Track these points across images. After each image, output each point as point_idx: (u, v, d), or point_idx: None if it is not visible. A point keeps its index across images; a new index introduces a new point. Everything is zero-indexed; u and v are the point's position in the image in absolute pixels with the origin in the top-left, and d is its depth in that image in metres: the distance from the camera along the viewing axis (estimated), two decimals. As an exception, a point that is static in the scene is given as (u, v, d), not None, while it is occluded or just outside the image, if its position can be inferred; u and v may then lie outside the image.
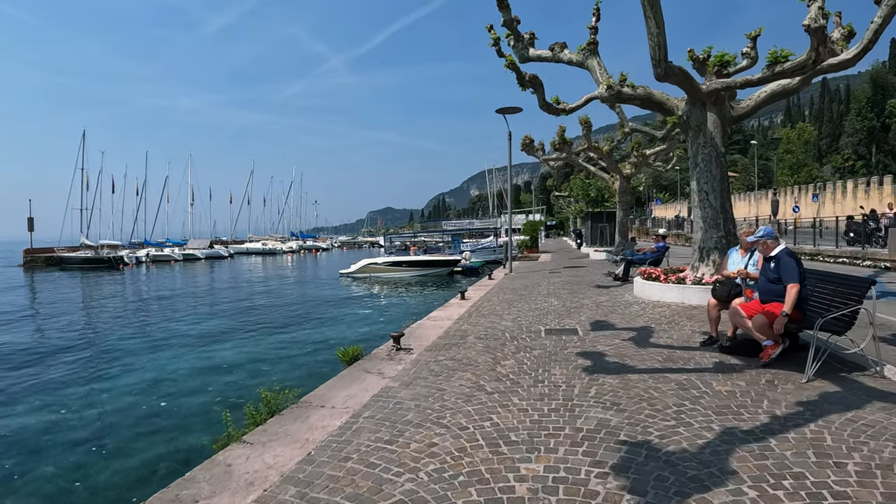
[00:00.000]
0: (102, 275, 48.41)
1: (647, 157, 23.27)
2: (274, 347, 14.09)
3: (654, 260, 13.20)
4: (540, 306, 9.97)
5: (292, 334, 15.75)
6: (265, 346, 14.21)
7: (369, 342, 12.45)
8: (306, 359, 12.62)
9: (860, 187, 50.88)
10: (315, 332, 15.89)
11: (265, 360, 12.60)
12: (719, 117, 10.84)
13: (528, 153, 23.84)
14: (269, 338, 15.50)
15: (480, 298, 11.44)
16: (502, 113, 18.20)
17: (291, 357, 12.76)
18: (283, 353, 13.13)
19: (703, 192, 10.62)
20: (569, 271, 17.92)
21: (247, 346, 14.49)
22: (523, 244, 34.86)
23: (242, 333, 16.29)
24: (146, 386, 11.04)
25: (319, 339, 14.81)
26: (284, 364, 12.02)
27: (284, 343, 14.58)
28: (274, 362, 12.42)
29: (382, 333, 14.45)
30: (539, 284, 13.96)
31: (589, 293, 11.71)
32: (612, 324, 7.96)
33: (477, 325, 8.19)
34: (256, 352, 13.46)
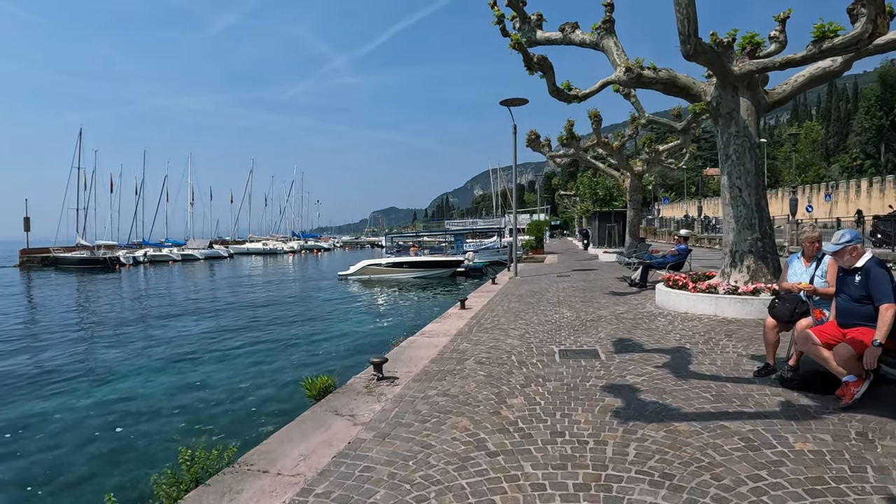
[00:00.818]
0: (97, 276, 47.40)
1: (659, 153, 21.95)
2: (254, 361, 12.86)
3: (674, 264, 11.93)
4: (550, 318, 8.71)
5: (277, 346, 14.47)
6: (246, 360, 12.94)
7: (355, 361, 11.23)
8: (286, 375, 11.37)
9: (875, 186, 49.44)
10: (302, 344, 14.61)
11: (244, 376, 11.37)
12: (753, 103, 9.56)
13: (534, 149, 22.56)
14: (251, 349, 14.28)
15: (483, 308, 10.19)
16: (507, 105, 16.94)
17: (271, 374, 11.51)
18: (262, 369, 11.89)
19: (734, 187, 9.35)
20: (578, 275, 16.65)
21: (228, 358, 13.27)
22: (528, 245, 33.57)
23: (225, 343, 15.08)
24: (108, 405, 9.84)
25: (305, 354, 13.51)
26: (261, 381, 10.76)
27: (267, 355, 13.33)
28: (254, 377, 11.20)
29: (375, 343, 13.24)
30: (547, 290, 12.71)
31: (605, 302, 10.44)
32: (639, 343, 6.69)
33: (478, 344, 6.94)
34: (235, 367, 12.21)
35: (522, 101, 16.86)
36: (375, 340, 14.11)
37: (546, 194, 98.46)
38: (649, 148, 22.49)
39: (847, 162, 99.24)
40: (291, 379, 10.36)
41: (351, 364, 10.66)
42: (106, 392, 10.62)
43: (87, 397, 10.31)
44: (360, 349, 12.87)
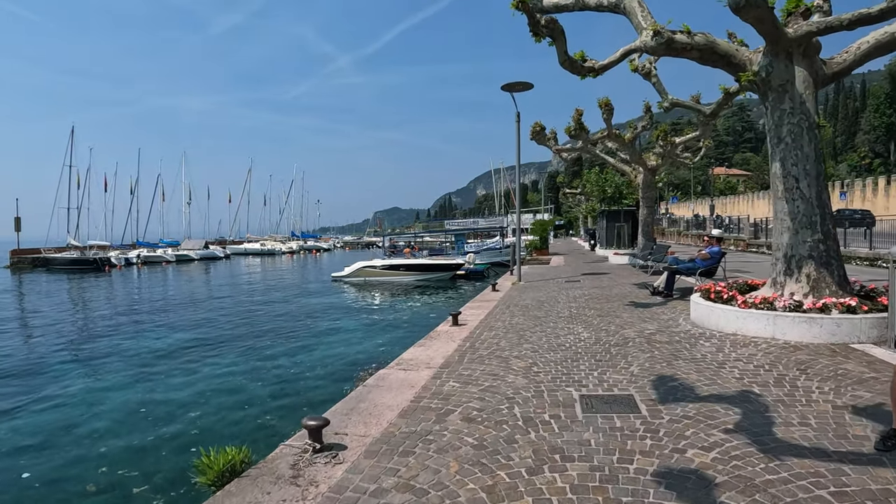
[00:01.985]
0: (87, 277, 45.90)
1: (675, 146, 20.15)
2: (212, 387, 11.11)
3: (706, 270, 10.14)
4: (563, 341, 6.93)
5: (235, 369, 12.48)
6: (204, 382, 11.15)
7: (318, 395, 9.47)
8: (237, 415, 9.59)
9: (893, 184, 47.49)
10: (267, 368, 12.66)
11: (195, 403, 9.61)
12: (810, 74, 7.77)
13: (539, 142, 20.78)
14: (201, 374, 12.53)
15: (479, 324, 8.41)
16: (509, 90, 15.17)
17: (220, 411, 9.69)
18: (216, 400, 10.09)
19: (790, 177, 7.56)
20: (590, 280, 14.86)
21: (193, 376, 11.54)
22: (532, 245, 31.79)
23: (176, 365, 13.30)
24: (49, 431, 8.17)
25: (263, 384, 11.48)
26: (207, 418, 8.94)
27: (214, 384, 11.50)
28: (202, 406, 9.44)
29: (358, 362, 11.49)
30: (556, 300, 10.92)
31: (627, 317, 8.65)
32: (688, 383, 4.91)
33: (468, 383, 5.16)
34: (190, 392, 10.43)
35: (526, 86, 15.09)
36: (363, 356, 12.37)
37: (550, 193, 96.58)
38: (664, 140, 20.69)
39: (856, 161, 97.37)
40: (221, 421, 8.56)
41: (305, 402, 8.93)
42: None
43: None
44: (334, 373, 11.05)
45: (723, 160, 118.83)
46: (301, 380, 10.51)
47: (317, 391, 9.42)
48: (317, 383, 10.07)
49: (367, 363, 10.64)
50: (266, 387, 10.06)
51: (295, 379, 10.52)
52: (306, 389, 9.56)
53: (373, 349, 13.10)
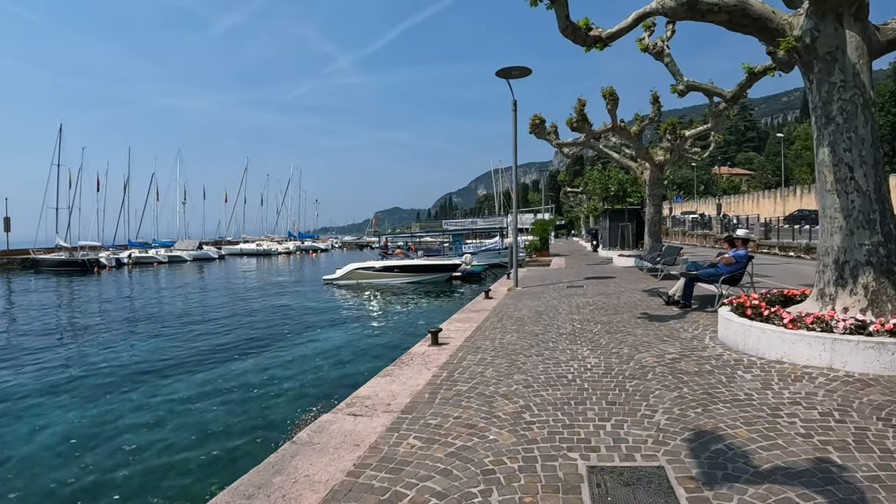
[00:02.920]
0: (75, 279, 44.65)
1: (684, 139, 18.75)
2: (146, 417, 9.74)
3: (730, 276, 8.75)
4: (565, 370, 5.54)
5: (195, 390, 11.08)
6: (143, 411, 9.73)
7: (272, 428, 8.04)
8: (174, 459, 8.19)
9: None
10: (222, 397, 11.23)
11: (117, 438, 8.22)
12: (864, 41, 6.38)
13: (538, 136, 19.39)
14: (172, 387, 11.19)
15: (463, 344, 7.02)
16: (504, 76, 13.79)
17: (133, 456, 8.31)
18: (139, 438, 8.70)
19: (842, 164, 6.17)
20: (594, 285, 13.46)
21: (134, 401, 10.16)
22: (532, 246, 30.41)
23: (151, 373, 12.00)
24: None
25: (216, 416, 10.04)
26: (113, 460, 7.50)
27: (173, 404, 10.14)
28: (121, 443, 8.06)
29: (321, 392, 10.14)
30: (556, 310, 9.53)
31: (641, 333, 7.25)
32: (738, 446, 3.50)
33: (434, 443, 3.77)
34: (124, 423, 8.99)
35: (524, 72, 13.71)
36: (319, 387, 10.99)
37: (551, 192, 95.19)
38: (672, 134, 19.31)
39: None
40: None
41: (236, 453, 7.54)
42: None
43: None
44: (288, 407, 9.54)
45: (725, 159, 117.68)
46: (247, 418, 8.97)
47: (255, 436, 7.93)
48: (263, 422, 8.62)
49: (326, 394, 9.30)
50: (202, 427, 8.54)
51: (240, 416, 9.00)
52: (246, 431, 8.10)
53: (344, 371, 11.72)
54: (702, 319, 8.06)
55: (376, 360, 11.44)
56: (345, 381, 10.32)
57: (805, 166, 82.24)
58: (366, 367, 11.22)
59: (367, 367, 11.02)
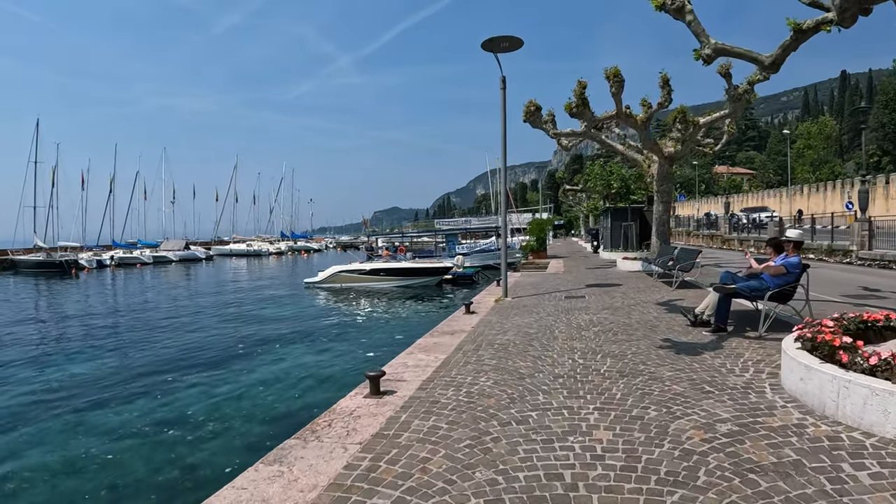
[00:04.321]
0: (53, 280, 42.63)
1: (698, 127, 16.66)
2: (61, 454, 7.66)
3: (777, 291, 6.65)
4: (560, 460, 3.42)
5: (120, 421, 9.20)
6: (67, 443, 7.71)
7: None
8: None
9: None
10: (153, 427, 9.33)
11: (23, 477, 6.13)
12: None
13: (534, 125, 17.28)
14: (106, 416, 9.13)
15: (415, 395, 4.90)
16: (490, 49, 11.67)
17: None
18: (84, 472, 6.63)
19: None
20: (597, 295, 11.35)
21: (60, 429, 8.08)
22: (528, 247, 28.28)
23: (92, 394, 9.98)
24: None
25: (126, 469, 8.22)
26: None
27: (93, 438, 8.11)
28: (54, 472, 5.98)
29: (251, 438, 8.08)
30: (552, 334, 7.43)
31: (671, 378, 5.12)
32: None
33: None
34: (37, 458, 6.98)
35: (515, 44, 11.60)
36: (261, 423, 8.89)
37: (549, 191, 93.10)
38: (682, 123, 17.24)
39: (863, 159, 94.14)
40: None
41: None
42: None
43: None
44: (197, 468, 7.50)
45: (726, 158, 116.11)
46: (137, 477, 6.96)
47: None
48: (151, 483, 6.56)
49: (250, 446, 7.25)
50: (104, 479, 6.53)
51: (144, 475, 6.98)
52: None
53: (285, 408, 9.63)
54: (747, 352, 5.96)
55: (328, 391, 9.38)
56: (281, 423, 8.26)
57: (807, 165, 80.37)
58: (314, 398, 9.16)
59: (313, 401, 8.98)
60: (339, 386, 9.81)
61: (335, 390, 9.30)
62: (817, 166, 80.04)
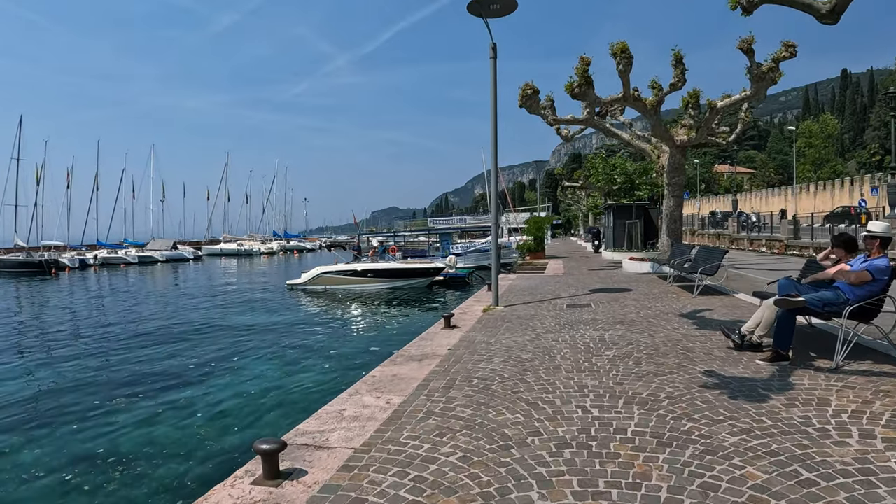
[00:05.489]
0: (31, 281, 40.83)
1: (716, 111, 14.85)
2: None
3: (859, 305, 4.85)
4: None
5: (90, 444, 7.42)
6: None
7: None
8: None
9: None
10: (67, 463, 7.52)
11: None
12: None
13: (531, 110, 15.49)
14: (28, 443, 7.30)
15: (335, 480, 3.09)
16: (479, 14, 9.82)
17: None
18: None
19: None
20: (606, 304, 9.51)
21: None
22: (526, 247, 26.48)
23: (22, 416, 8.11)
24: None
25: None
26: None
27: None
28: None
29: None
30: (552, 362, 5.60)
31: (736, 445, 3.30)
32: None
33: None
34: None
35: (508, 6, 9.75)
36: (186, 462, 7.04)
37: (548, 189, 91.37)
38: (695, 109, 15.49)
39: (865, 157, 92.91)
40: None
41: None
42: None
43: None
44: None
45: (726, 157, 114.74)
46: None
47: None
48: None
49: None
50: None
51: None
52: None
53: (202, 453, 7.80)
54: (831, 395, 4.15)
55: (259, 426, 7.54)
56: (188, 474, 6.41)
57: (809, 164, 78.77)
58: (239, 439, 7.33)
59: (233, 443, 7.17)
60: (282, 414, 8.01)
61: (269, 427, 7.50)
62: (819, 165, 78.57)
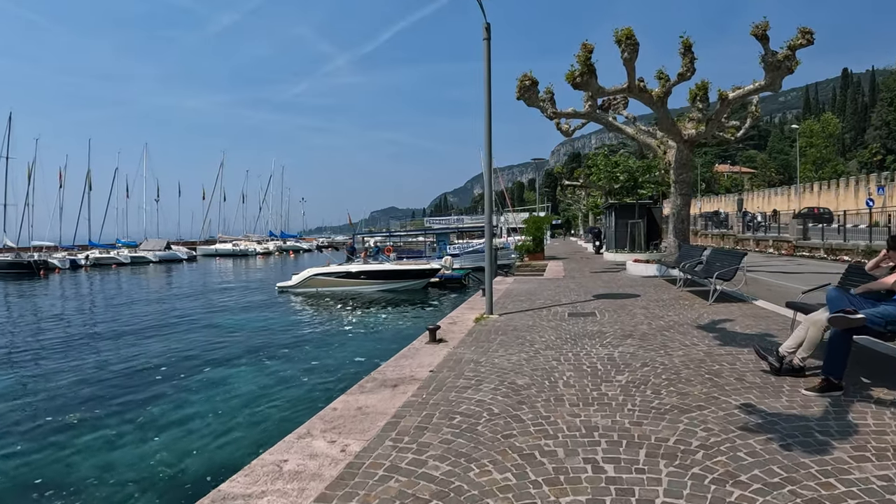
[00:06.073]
0: (19, 282, 39.95)
1: (728, 103, 13.90)
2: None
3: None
4: None
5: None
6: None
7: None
8: None
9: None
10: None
11: None
12: None
13: (529, 102, 14.56)
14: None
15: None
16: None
17: None
18: None
19: None
20: (613, 312, 8.55)
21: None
22: (524, 247, 25.52)
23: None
24: None
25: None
26: None
27: None
28: None
29: None
30: (554, 386, 4.66)
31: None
32: None
33: None
34: None
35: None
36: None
37: (547, 189, 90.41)
38: (703, 102, 14.57)
39: (867, 157, 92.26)
40: None
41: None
42: None
43: None
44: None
45: (726, 157, 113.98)
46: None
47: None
48: None
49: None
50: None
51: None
52: None
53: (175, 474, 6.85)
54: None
55: (232, 460, 6.58)
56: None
57: (810, 164, 77.98)
58: (191, 473, 6.37)
59: (188, 477, 6.20)
60: (245, 444, 7.05)
61: (229, 457, 6.55)
62: (820, 165, 77.88)
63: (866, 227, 22.87)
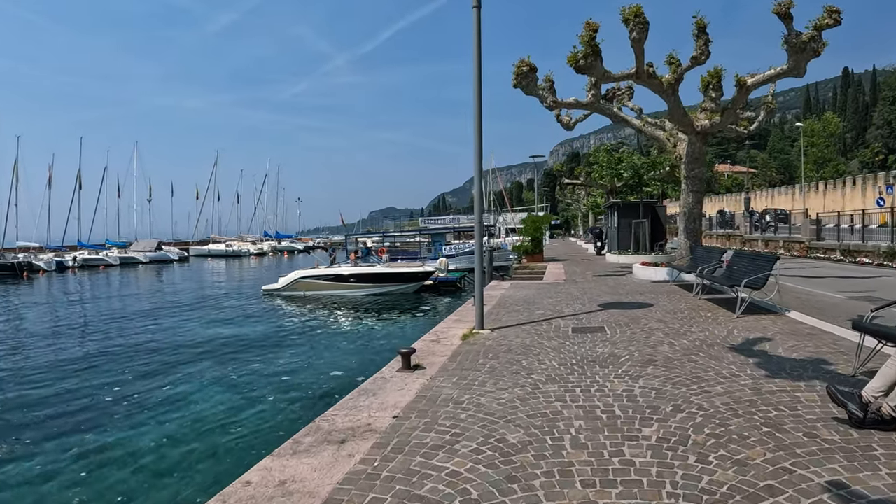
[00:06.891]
0: (3, 284, 38.68)
1: (746, 89, 12.64)
2: None
3: None
4: None
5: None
6: None
7: None
8: None
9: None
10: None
11: None
12: None
13: (527, 91, 13.28)
14: None
15: None
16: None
17: None
18: None
19: None
20: (624, 328, 7.28)
21: None
22: (522, 248, 24.27)
23: None
24: None
25: None
26: None
27: None
28: None
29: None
30: (558, 444, 3.40)
31: None
32: None
33: None
34: None
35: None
36: None
37: (546, 188, 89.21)
38: (716, 91, 13.38)
39: (868, 157, 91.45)
40: None
41: None
42: None
43: None
44: None
45: (726, 157, 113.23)
46: None
47: None
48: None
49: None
50: None
51: None
52: None
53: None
54: None
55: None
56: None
57: (811, 164, 76.93)
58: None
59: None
60: (194, 486, 5.80)
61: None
62: (821, 165, 76.95)
63: (877, 227, 21.75)
